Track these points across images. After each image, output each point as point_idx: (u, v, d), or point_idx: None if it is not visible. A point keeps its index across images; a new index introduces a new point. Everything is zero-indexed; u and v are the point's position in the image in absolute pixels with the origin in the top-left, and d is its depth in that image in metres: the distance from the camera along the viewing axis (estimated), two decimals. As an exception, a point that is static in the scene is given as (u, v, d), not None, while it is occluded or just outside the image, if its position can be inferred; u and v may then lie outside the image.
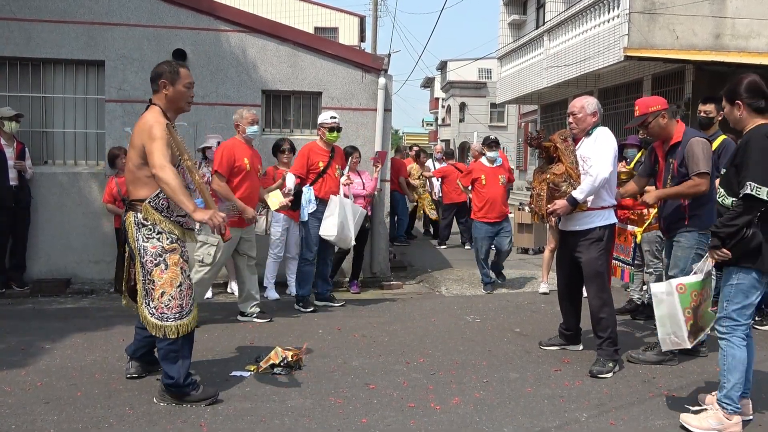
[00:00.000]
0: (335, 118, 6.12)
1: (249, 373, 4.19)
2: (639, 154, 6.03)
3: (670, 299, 3.60)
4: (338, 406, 3.68)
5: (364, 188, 6.97)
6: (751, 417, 3.55)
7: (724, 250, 3.30)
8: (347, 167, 6.55)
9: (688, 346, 3.62)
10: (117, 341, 4.80)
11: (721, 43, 12.08)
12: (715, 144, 4.81)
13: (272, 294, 6.65)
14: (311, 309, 6.03)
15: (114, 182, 6.55)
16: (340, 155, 6.37)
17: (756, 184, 3.20)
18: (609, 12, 12.77)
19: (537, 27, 19.24)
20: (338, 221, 5.95)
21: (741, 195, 3.24)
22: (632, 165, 5.95)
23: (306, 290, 6.12)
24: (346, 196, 6.31)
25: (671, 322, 3.61)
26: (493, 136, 7.92)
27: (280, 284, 7.00)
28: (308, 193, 6.04)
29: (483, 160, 7.55)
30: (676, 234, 4.39)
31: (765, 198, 3.19)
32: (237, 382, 4.04)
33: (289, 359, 4.25)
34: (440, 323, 5.67)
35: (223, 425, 3.40)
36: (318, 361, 4.49)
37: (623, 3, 12.11)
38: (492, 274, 7.42)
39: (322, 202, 6.05)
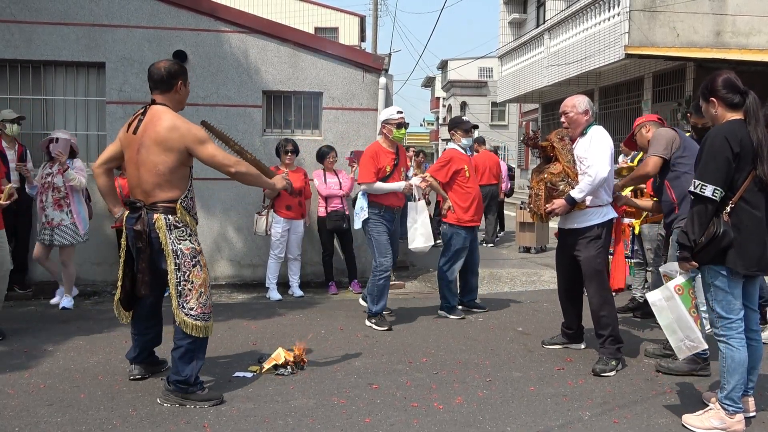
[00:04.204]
0: (402, 113, 5.56)
1: (252, 374, 4.19)
2: (641, 154, 6.02)
3: (672, 303, 3.47)
4: (341, 406, 3.69)
5: (340, 188, 6.94)
6: (753, 414, 3.55)
7: (693, 262, 3.33)
8: (411, 168, 6.09)
9: (705, 346, 3.46)
10: (119, 343, 4.81)
11: (721, 41, 12.08)
12: None
13: (274, 295, 6.65)
14: (386, 328, 5.37)
15: (117, 183, 6.53)
16: (405, 155, 5.84)
17: (701, 182, 3.24)
18: (609, 10, 12.78)
19: (537, 25, 19.25)
20: (427, 230, 5.53)
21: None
22: (636, 162, 5.96)
23: (380, 307, 5.48)
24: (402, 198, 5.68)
25: (681, 326, 3.45)
26: (465, 117, 6.15)
27: (283, 284, 7.02)
28: (362, 200, 5.54)
29: (458, 148, 5.91)
30: (672, 225, 4.40)
31: (709, 196, 3.21)
32: (240, 382, 4.05)
33: (292, 360, 4.26)
34: (442, 322, 5.66)
35: (226, 426, 3.41)
36: (321, 361, 4.49)
37: (623, 1, 12.12)
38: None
39: (387, 210, 5.50)
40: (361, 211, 5.50)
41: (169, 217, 3.62)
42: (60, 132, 6.13)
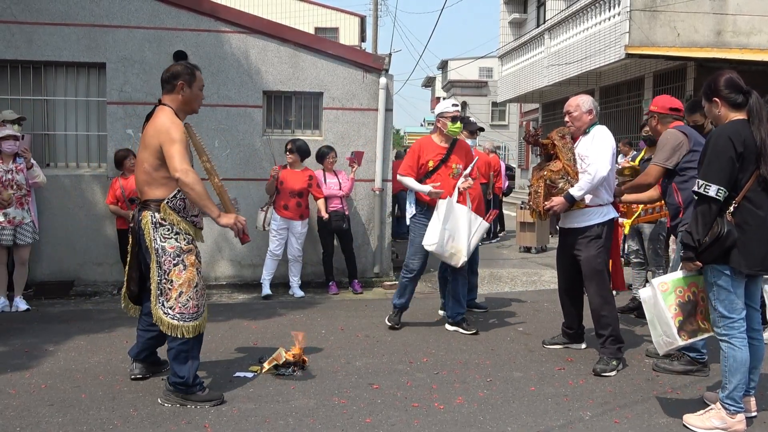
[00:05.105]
0: (457, 105, 5.31)
1: (252, 374, 4.20)
2: (643, 152, 6.02)
3: (654, 300, 3.52)
4: (342, 406, 3.69)
5: (340, 188, 6.92)
6: (754, 414, 3.55)
7: (697, 262, 3.33)
8: (470, 167, 5.35)
9: (680, 342, 3.49)
10: (121, 343, 4.81)
11: (722, 40, 12.06)
12: None
13: (264, 290, 6.73)
14: (390, 324, 5.41)
15: (118, 183, 6.55)
16: (464, 151, 5.38)
17: (704, 182, 3.25)
18: (610, 10, 12.76)
19: (538, 25, 19.23)
20: (440, 229, 5.00)
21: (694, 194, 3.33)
22: (637, 161, 5.95)
23: (400, 302, 5.42)
24: (461, 201, 5.22)
25: (660, 322, 3.51)
26: (472, 119, 6.03)
27: (284, 285, 7.03)
28: (410, 196, 5.40)
29: None
30: (676, 229, 4.39)
31: (713, 195, 3.22)
32: (240, 383, 4.05)
33: (293, 360, 4.26)
34: (443, 322, 5.66)
35: (227, 426, 3.41)
36: (321, 361, 4.49)
37: (624, 0, 12.10)
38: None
39: (430, 209, 5.20)
40: (409, 207, 5.37)
41: (155, 215, 3.64)
42: (8, 130, 6.00)
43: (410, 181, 5.24)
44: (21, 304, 6.02)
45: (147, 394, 3.81)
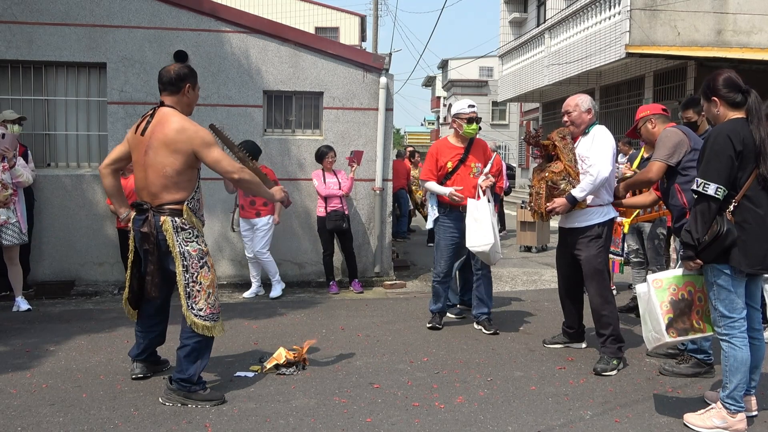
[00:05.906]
0: (474, 107, 5.25)
1: (253, 374, 4.20)
2: (642, 151, 6.02)
3: (647, 296, 3.55)
4: (343, 406, 3.69)
5: (340, 188, 6.92)
6: (755, 413, 3.55)
7: (698, 260, 3.33)
8: (488, 164, 5.36)
9: (668, 339, 3.49)
10: (121, 343, 4.82)
11: (722, 39, 12.06)
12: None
13: (251, 290, 6.79)
14: (429, 325, 5.42)
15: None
16: (482, 149, 5.37)
17: (704, 181, 3.25)
18: (610, 9, 12.77)
19: (538, 25, 19.23)
20: (491, 228, 5.01)
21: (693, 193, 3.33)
22: (635, 165, 5.95)
23: (435, 307, 5.45)
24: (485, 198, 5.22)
25: (651, 318, 3.54)
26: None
27: (284, 285, 7.03)
28: (432, 198, 5.36)
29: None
30: (681, 230, 4.37)
31: (712, 194, 3.22)
32: (241, 382, 4.05)
33: (293, 359, 4.26)
34: (443, 322, 5.66)
35: (227, 425, 3.41)
36: (322, 360, 4.50)
37: (624, 0, 12.10)
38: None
39: (451, 210, 5.25)
40: (431, 210, 5.36)
41: (176, 219, 3.64)
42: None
43: (432, 185, 5.26)
44: (22, 304, 6.01)
45: (148, 394, 3.82)
